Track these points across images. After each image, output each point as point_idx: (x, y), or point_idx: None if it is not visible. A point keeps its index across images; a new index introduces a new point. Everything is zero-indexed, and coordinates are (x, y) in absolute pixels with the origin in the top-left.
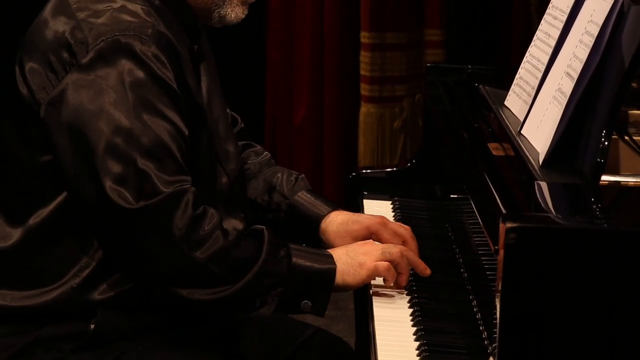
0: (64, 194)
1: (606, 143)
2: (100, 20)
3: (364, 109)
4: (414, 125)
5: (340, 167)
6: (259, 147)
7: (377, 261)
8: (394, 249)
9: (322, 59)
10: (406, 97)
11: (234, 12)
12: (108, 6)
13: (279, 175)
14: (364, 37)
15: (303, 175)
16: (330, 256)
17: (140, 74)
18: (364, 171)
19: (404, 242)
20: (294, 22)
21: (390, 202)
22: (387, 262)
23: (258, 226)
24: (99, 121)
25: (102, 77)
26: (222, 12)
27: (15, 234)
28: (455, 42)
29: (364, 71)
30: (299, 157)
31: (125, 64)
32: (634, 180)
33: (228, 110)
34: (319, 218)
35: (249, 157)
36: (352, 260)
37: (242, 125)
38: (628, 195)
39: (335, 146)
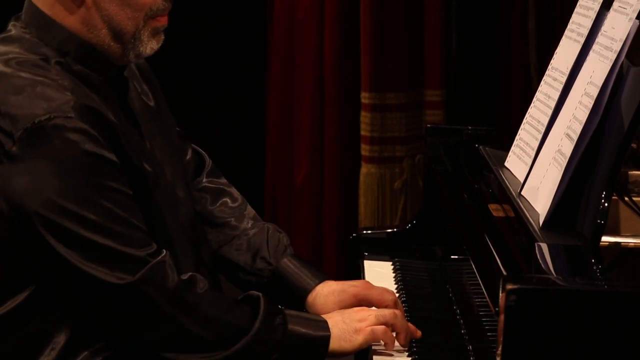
0: (30, 289)
1: (606, 204)
2: (19, 106)
3: (364, 169)
4: (415, 186)
5: (341, 228)
6: (235, 194)
7: (372, 325)
8: (387, 311)
9: (322, 119)
10: (406, 157)
11: (148, 47)
12: (24, 88)
13: (262, 236)
14: (364, 97)
15: (285, 234)
16: (325, 322)
17: (73, 155)
18: (364, 232)
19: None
20: (294, 81)
21: (390, 263)
22: (383, 326)
23: (254, 292)
24: (44, 211)
25: (35, 166)
26: (136, 51)
27: None
28: (455, 102)
29: (364, 131)
30: (299, 217)
31: (57, 149)
32: (635, 241)
33: (188, 148)
34: (305, 292)
35: (223, 209)
36: (348, 326)
37: (211, 163)
38: (628, 257)
39: (335, 207)
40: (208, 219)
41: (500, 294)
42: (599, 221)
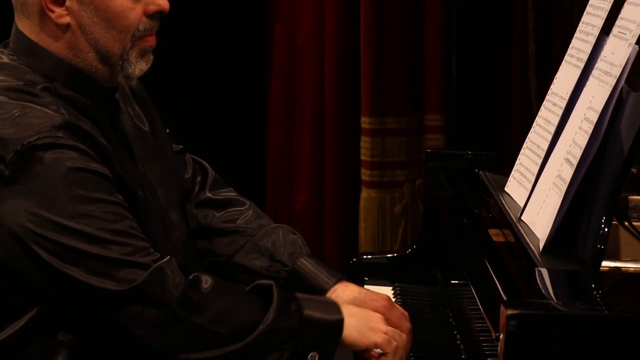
0: (29, 315)
1: (606, 229)
2: (9, 131)
3: (365, 194)
4: (415, 211)
5: (341, 253)
6: (240, 199)
7: (387, 334)
8: (403, 336)
9: (323, 144)
10: (407, 182)
11: (137, 68)
12: (12, 113)
13: (275, 237)
14: (364, 122)
15: (300, 235)
16: (337, 305)
17: (66, 171)
18: (364, 257)
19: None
20: (295, 105)
21: (391, 287)
22: (395, 343)
23: (266, 281)
24: (43, 231)
25: (29, 187)
26: (125, 73)
27: None
28: (455, 127)
29: (364, 156)
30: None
31: (49, 168)
32: (635, 266)
33: (189, 159)
34: (324, 291)
35: (232, 217)
36: (365, 321)
37: (213, 174)
38: (629, 282)
39: (335, 231)
40: (216, 230)
41: (501, 319)
42: (599, 246)
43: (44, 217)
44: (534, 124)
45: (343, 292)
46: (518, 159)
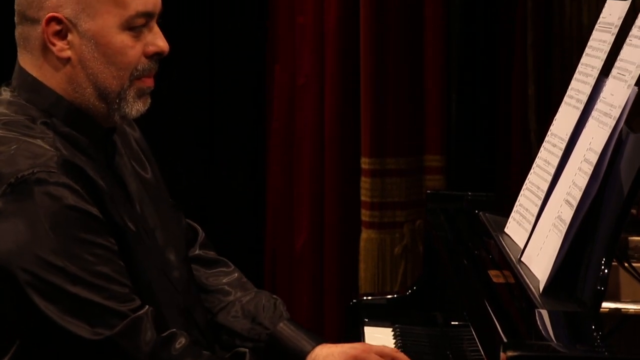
0: (14, 349)
1: (606, 271)
2: (5, 166)
3: (365, 234)
4: (415, 252)
5: (341, 294)
6: (228, 263)
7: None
8: (388, 349)
9: (323, 185)
10: (407, 222)
11: (134, 109)
12: (9, 147)
13: (257, 301)
14: (364, 162)
15: (281, 300)
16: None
17: (56, 208)
18: (364, 298)
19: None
20: (295, 146)
21: (391, 329)
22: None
23: (241, 349)
24: (27, 265)
25: (18, 221)
26: (121, 112)
27: None
28: (455, 168)
29: (364, 197)
30: (299, 282)
31: (39, 203)
32: (635, 307)
33: (182, 220)
34: (303, 354)
35: (218, 277)
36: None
37: (204, 235)
38: (629, 323)
39: (335, 272)
40: (202, 287)
41: None
42: (599, 287)
43: (30, 250)
44: (534, 165)
45: (321, 350)
46: (518, 200)
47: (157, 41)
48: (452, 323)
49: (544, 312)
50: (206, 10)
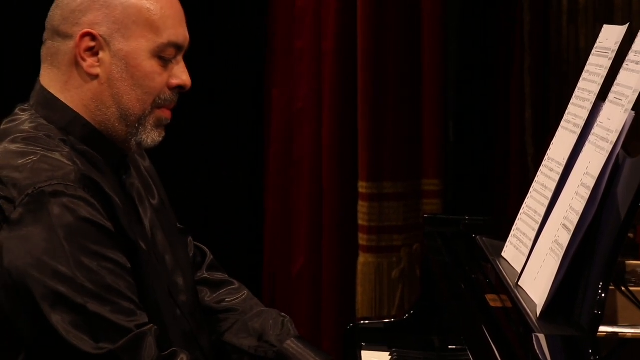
0: (21, 357)
1: (603, 295)
2: (22, 175)
3: (362, 258)
4: (412, 276)
5: (338, 318)
6: (235, 283)
7: None
8: None
9: (320, 209)
10: (404, 246)
11: (150, 137)
12: (28, 159)
13: (265, 319)
14: (362, 187)
15: (289, 318)
16: None
17: (71, 220)
18: (362, 322)
19: None
20: (292, 170)
21: (388, 353)
22: None
23: None
24: (39, 274)
25: (33, 231)
26: (138, 138)
27: None
28: (452, 192)
29: (361, 221)
30: (296, 306)
31: (55, 214)
32: (632, 331)
33: (190, 241)
34: None
35: (225, 297)
36: None
37: (212, 257)
38: (626, 347)
39: (333, 296)
40: (208, 308)
41: None
42: (596, 312)
43: (42, 260)
44: (531, 189)
45: None
46: (515, 224)
47: (182, 75)
48: (450, 347)
49: (542, 337)
50: (205, 35)
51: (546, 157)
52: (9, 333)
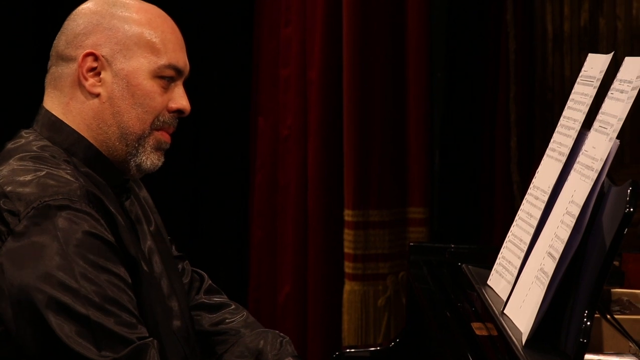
0: None
1: (589, 323)
2: (28, 189)
3: (348, 286)
4: (398, 304)
5: (324, 346)
6: (233, 305)
7: None
8: None
9: (306, 237)
10: (390, 274)
11: (150, 160)
12: (34, 175)
13: (263, 339)
14: (348, 215)
15: (288, 339)
16: None
17: (76, 233)
18: (348, 350)
19: None
20: (278, 199)
21: None
22: None
23: None
24: (43, 284)
25: (38, 242)
26: (137, 160)
27: None
28: (438, 220)
29: (347, 249)
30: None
31: (60, 227)
32: (618, 359)
33: (187, 266)
34: None
35: (224, 318)
36: None
37: (209, 282)
38: None
39: (319, 324)
40: (206, 331)
41: None
42: (582, 340)
43: (47, 271)
44: (516, 217)
45: None
46: (500, 252)
47: (182, 100)
48: None
49: None
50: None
51: (531, 185)
52: (8, 343)
